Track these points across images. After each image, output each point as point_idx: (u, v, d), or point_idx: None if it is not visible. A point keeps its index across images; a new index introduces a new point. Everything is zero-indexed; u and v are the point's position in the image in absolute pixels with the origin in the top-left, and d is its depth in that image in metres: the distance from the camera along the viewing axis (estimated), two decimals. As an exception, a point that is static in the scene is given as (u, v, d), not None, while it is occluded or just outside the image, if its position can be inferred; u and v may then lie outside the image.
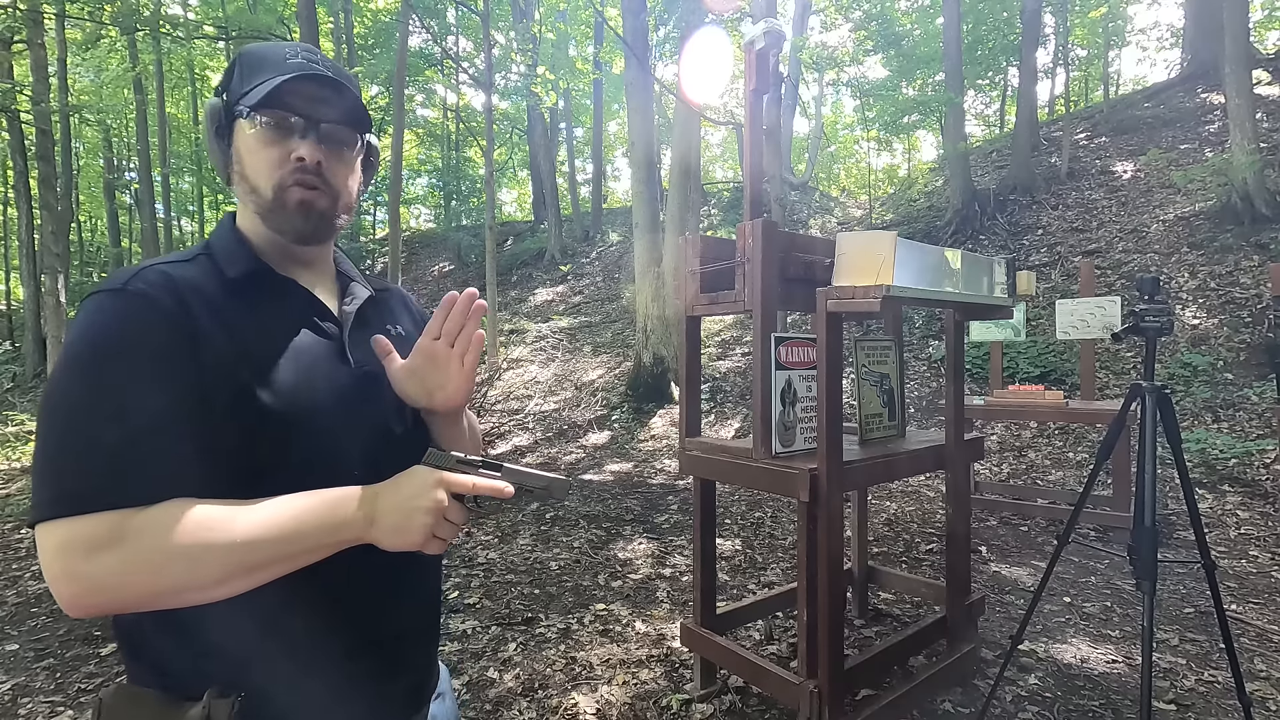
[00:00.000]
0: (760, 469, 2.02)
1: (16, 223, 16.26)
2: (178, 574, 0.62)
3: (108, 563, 0.60)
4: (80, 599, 0.61)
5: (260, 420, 0.69)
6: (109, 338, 0.65)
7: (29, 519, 0.63)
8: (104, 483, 0.61)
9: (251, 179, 0.76)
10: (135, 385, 0.64)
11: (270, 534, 0.64)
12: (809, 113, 18.95)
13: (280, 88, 0.73)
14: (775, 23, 2.18)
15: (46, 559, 0.61)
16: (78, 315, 0.67)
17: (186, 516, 0.62)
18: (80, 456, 0.62)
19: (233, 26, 12.52)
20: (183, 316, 0.68)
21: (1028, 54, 10.34)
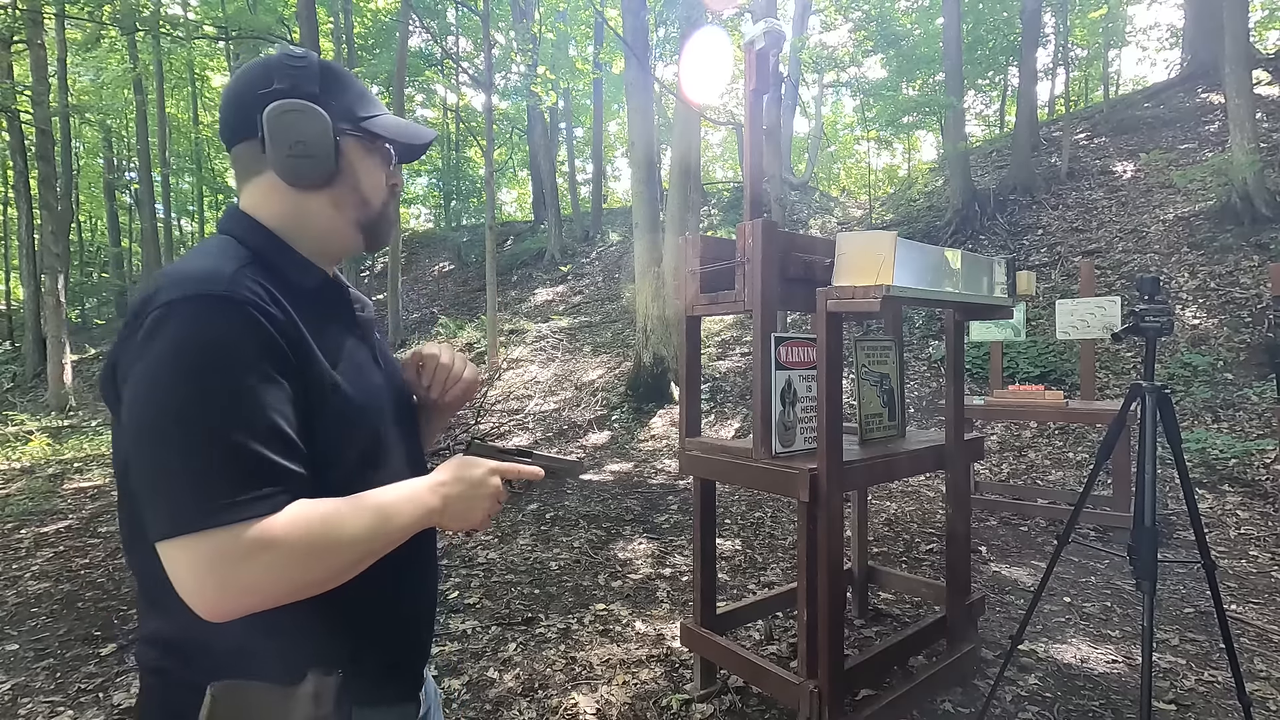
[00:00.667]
0: (760, 469, 2.02)
1: (16, 223, 16.26)
2: (319, 570, 0.67)
3: (260, 567, 0.63)
4: (232, 605, 0.63)
5: (334, 421, 0.75)
6: (233, 345, 0.66)
7: (165, 533, 0.62)
8: (250, 491, 0.64)
9: (366, 192, 0.85)
10: (262, 393, 0.67)
11: (381, 527, 0.71)
12: (809, 113, 18.96)
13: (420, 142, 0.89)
14: (775, 23, 2.18)
15: (195, 569, 0.62)
16: (183, 318, 0.65)
17: (319, 517, 0.67)
18: (225, 465, 0.63)
19: (233, 26, 12.52)
20: (287, 325, 0.72)
21: (1028, 54, 10.34)
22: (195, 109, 20.45)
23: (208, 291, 0.67)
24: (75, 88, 17.99)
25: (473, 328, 12.26)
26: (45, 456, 7.79)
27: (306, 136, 0.78)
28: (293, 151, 0.78)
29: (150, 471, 0.64)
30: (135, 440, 0.65)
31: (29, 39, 11.23)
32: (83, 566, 3.96)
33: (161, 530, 0.63)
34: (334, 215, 0.83)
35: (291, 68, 0.79)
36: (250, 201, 0.82)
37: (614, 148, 24.19)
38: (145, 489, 0.65)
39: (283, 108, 0.77)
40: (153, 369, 0.64)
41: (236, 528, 0.62)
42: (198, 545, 0.62)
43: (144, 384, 0.65)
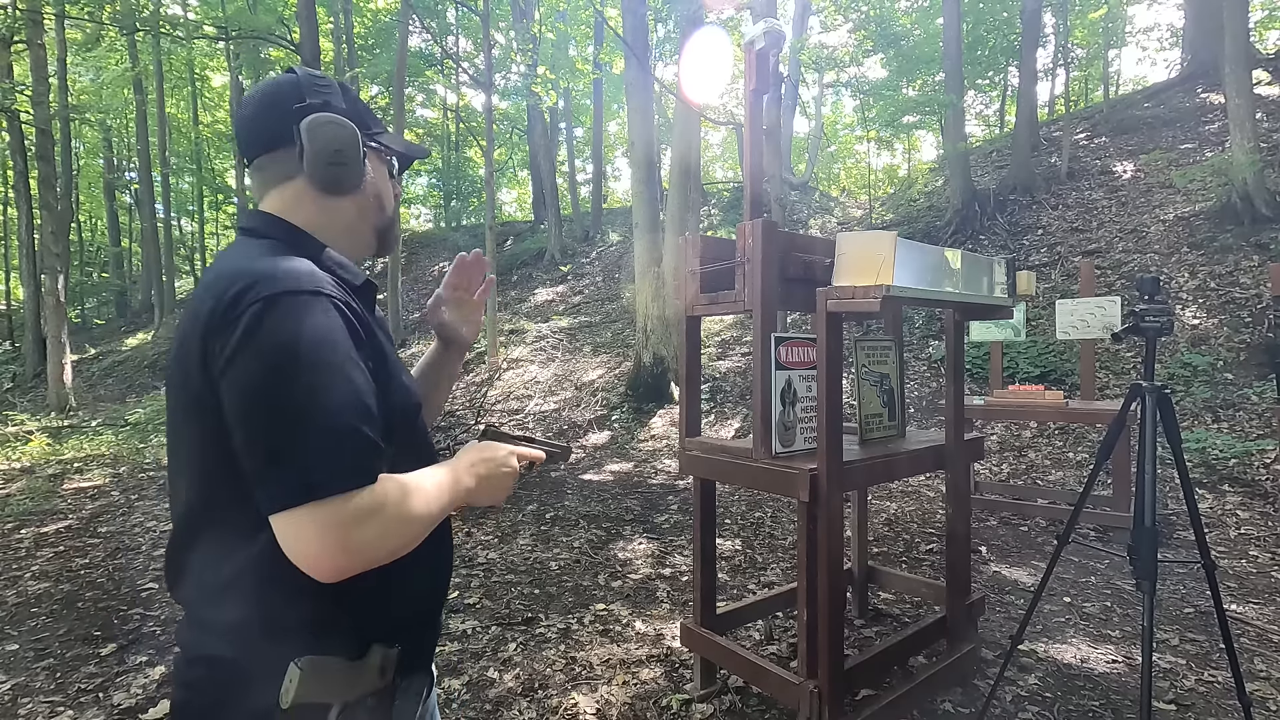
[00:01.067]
0: (760, 469, 2.02)
1: (16, 223, 16.26)
2: (409, 534, 0.77)
3: (371, 530, 0.71)
4: (347, 565, 0.71)
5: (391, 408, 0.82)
6: (332, 337, 0.74)
7: (287, 502, 0.68)
8: (362, 463, 0.72)
9: (383, 200, 0.96)
10: (357, 377, 0.75)
11: (440, 500, 0.82)
12: (809, 113, 18.96)
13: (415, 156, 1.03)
14: (775, 23, 2.18)
15: (315, 534, 0.69)
16: (285, 313, 0.72)
17: (406, 487, 0.77)
18: (336, 442, 0.71)
19: (233, 26, 12.52)
20: (360, 319, 0.80)
21: (1028, 54, 10.33)
22: (195, 109, 20.45)
23: (301, 288, 0.74)
24: (75, 88, 17.97)
25: (473, 328, 12.24)
26: (45, 456, 7.78)
27: (343, 147, 0.85)
28: (331, 160, 0.85)
29: (267, 450, 0.70)
30: (251, 424, 0.71)
31: (29, 39, 11.23)
32: (83, 566, 3.96)
33: (283, 501, 0.69)
34: (356, 219, 0.93)
35: (320, 86, 0.88)
36: (278, 206, 0.87)
37: (614, 148, 24.19)
38: (261, 466, 0.70)
39: (323, 120, 0.84)
40: (264, 359, 0.70)
41: (350, 495, 0.70)
42: (318, 512, 0.68)
43: (258, 373, 0.70)
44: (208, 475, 0.76)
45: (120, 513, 5.19)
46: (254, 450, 0.71)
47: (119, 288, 22.01)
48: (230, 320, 0.71)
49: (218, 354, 0.71)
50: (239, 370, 0.70)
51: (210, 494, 0.77)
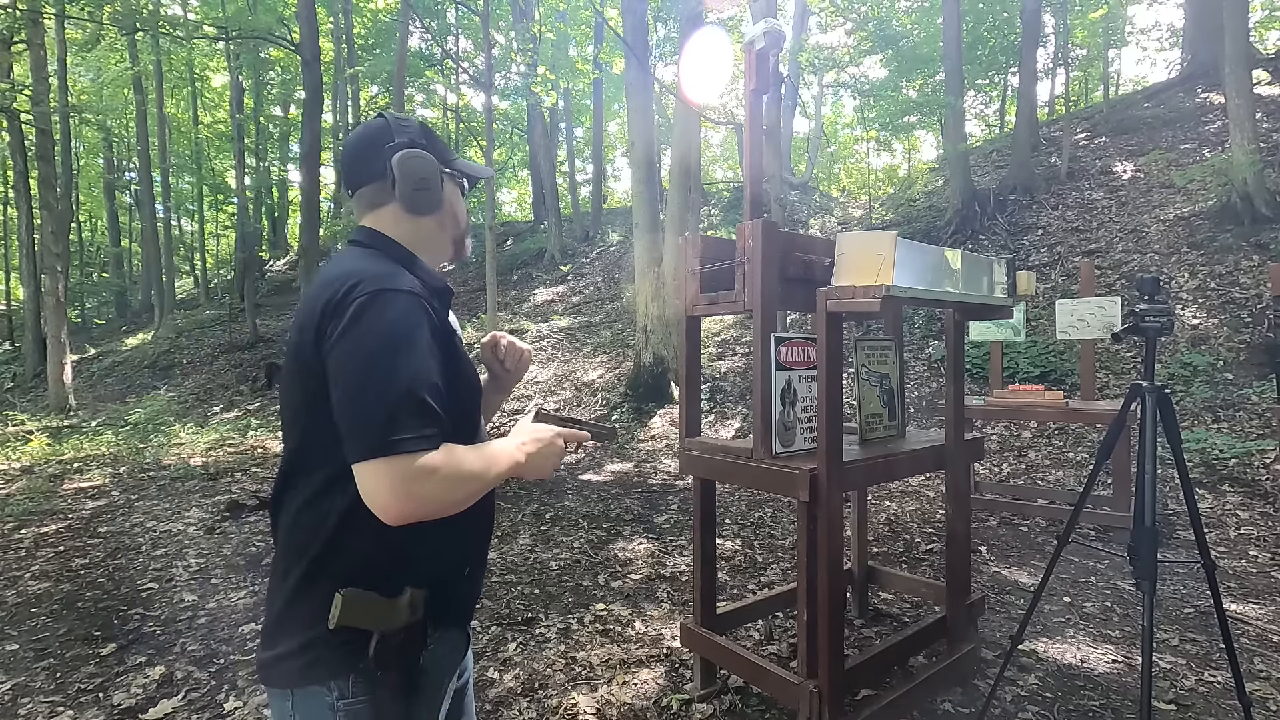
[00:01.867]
0: (760, 469, 2.02)
1: (16, 223, 16.27)
2: (464, 493, 0.92)
3: (436, 484, 0.87)
4: (411, 511, 0.86)
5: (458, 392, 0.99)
6: (417, 327, 0.91)
7: (365, 455, 0.84)
8: (428, 429, 0.87)
9: (459, 218, 1.15)
10: (433, 362, 0.92)
11: (493, 470, 0.97)
12: (809, 113, 18.96)
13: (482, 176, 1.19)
14: (775, 23, 2.18)
15: (386, 483, 0.84)
16: (384, 305, 0.90)
17: (465, 455, 0.92)
18: (409, 411, 0.86)
19: (233, 27, 12.53)
20: (439, 316, 0.99)
21: (1028, 54, 10.33)
22: (195, 109, 20.45)
23: (395, 286, 0.92)
24: (75, 88, 17.98)
25: (473, 328, 12.26)
26: (45, 456, 7.78)
27: (426, 175, 1.04)
28: (418, 187, 1.04)
29: (357, 411, 0.86)
30: (347, 389, 0.87)
31: (29, 39, 11.23)
32: (83, 566, 3.96)
33: (362, 454, 0.85)
34: (439, 233, 1.12)
35: (404, 126, 1.07)
36: (378, 224, 1.06)
37: (614, 148, 24.19)
38: (351, 423, 0.86)
39: (409, 155, 1.03)
40: (364, 339, 0.88)
41: (415, 455, 0.85)
42: (389, 466, 0.84)
43: (357, 349, 0.87)
44: (305, 430, 0.95)
45: (120, 513, 5.19)
46: (346, 411, 0.87)
47: (119, 288, 22.01)
48: (343, 307, 0.89)
49: (330, 333, 0.89)
50: (344, 345, 0.88)
51: (305, 445, 0.95)
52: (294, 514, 0.96)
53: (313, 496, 0.94)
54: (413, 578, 0.97)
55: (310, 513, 0.94)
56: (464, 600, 1.09)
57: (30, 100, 11.31)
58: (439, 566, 1.02)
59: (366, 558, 0.94)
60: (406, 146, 1.04)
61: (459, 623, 1.08)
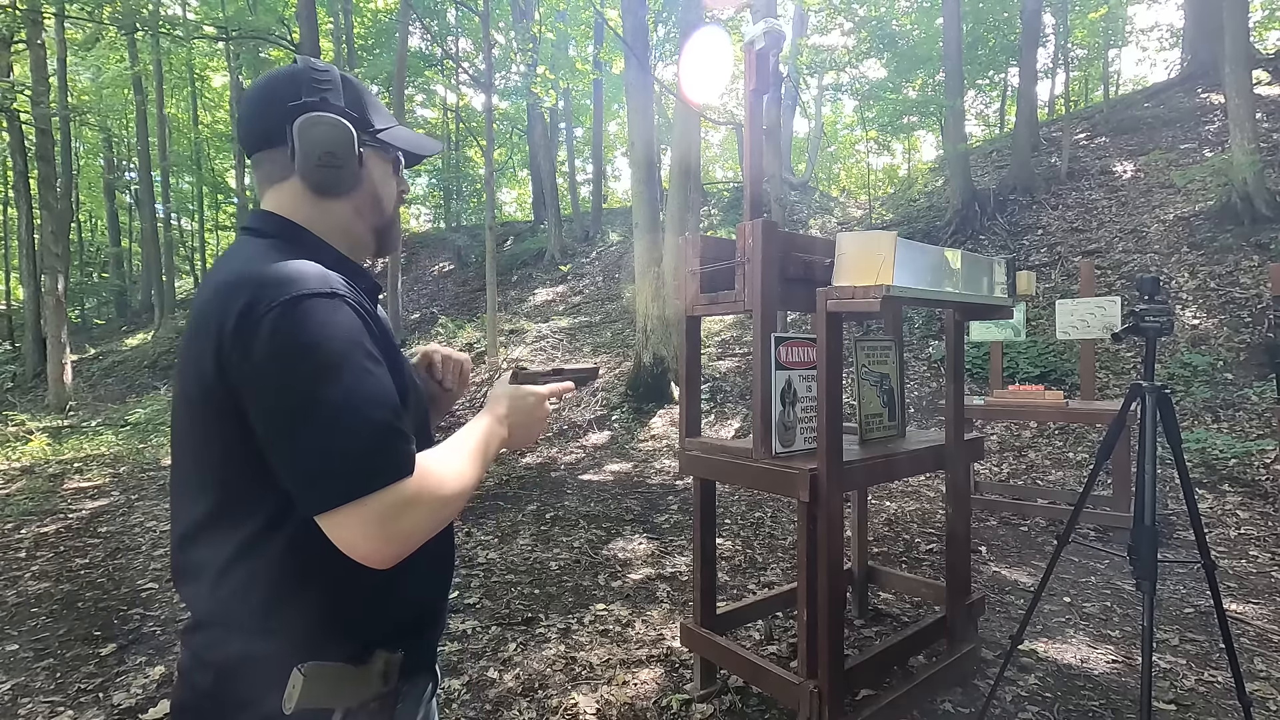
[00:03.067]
0: (760, 469, 2.02)
1: (16, 223, 16.26)
2: (453, 509, 0.79)
3: (417, 517, 0.73)
4: (398, 552, 0.73)
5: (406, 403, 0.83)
6: (353, 337, 0.75)
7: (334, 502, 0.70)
8: (398, 456, 0.73)
9: (382, 199, 0.93)
10: (381, 374, 0.76)
11: (480, 465, 0.85)
12: (809, 113, 18.96)
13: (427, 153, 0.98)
14: (775, 23, 2.18)
15: (362, 530, 0.70)
16: (304, 317, 0.72)
17: (442, 467, 0.78)
18: (377, 439, 0.72)
19: (232, 26, 12.53)
20: (372, 318, 0.80)
21: (1028, 54, 10.33)
22: (195, 109, 20.45)
23: (315, 290, 0.74)
24: (75, 88, 17.97)
25: (473, 328, 12.26)
26: (45, 456, 7.78)
27: (335, 149, 0.83)
28: (322, 162, 0.83)
29: (309, 453, 0.70)
30: (287, 430, 0.71)
31: (29, 39, 11.23)
32: (83, 566, 3.96)
33: (333, 500, 0.70)
34: (354, 220, 0.90)
35: (318, 81, 0.85)
36: (277, 205, 0.87)
37: (614, 148, 24.18)
38: (305, 469, 0.71)
39: (313, 120, 0.82)
40: (292, 364, 0.71)
41: (394, 487, 0.71)
42: (366, 508, 0.70)
43: (287, 379, 0.71)
44: (223, 481, 0.76)
45: (120, 513, 5.19)
46: (290, 455, 0.71)
47: (119, 288, 22.00)
48: (249, 325, 0.71)
49: (238, 362, 0.71)
50: (267, 377, 0.71)
51: (224, 498, 0.76)
52: (219, 578, 0.76)
53: (244, 552, 0.75)
54: (382, 635, 0.82)
55: (244, 573, 0.75)
56: (434, 642, 0.96)
57: (30, 100, 11.31)
58: (411, 615, 0.87)
59: (325, 618, 0.77)
60: (316, 108, 0.83)
61: (428, 665, 0.93)
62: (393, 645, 0.82)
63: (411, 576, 0.83)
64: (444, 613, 0.97)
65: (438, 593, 0.94)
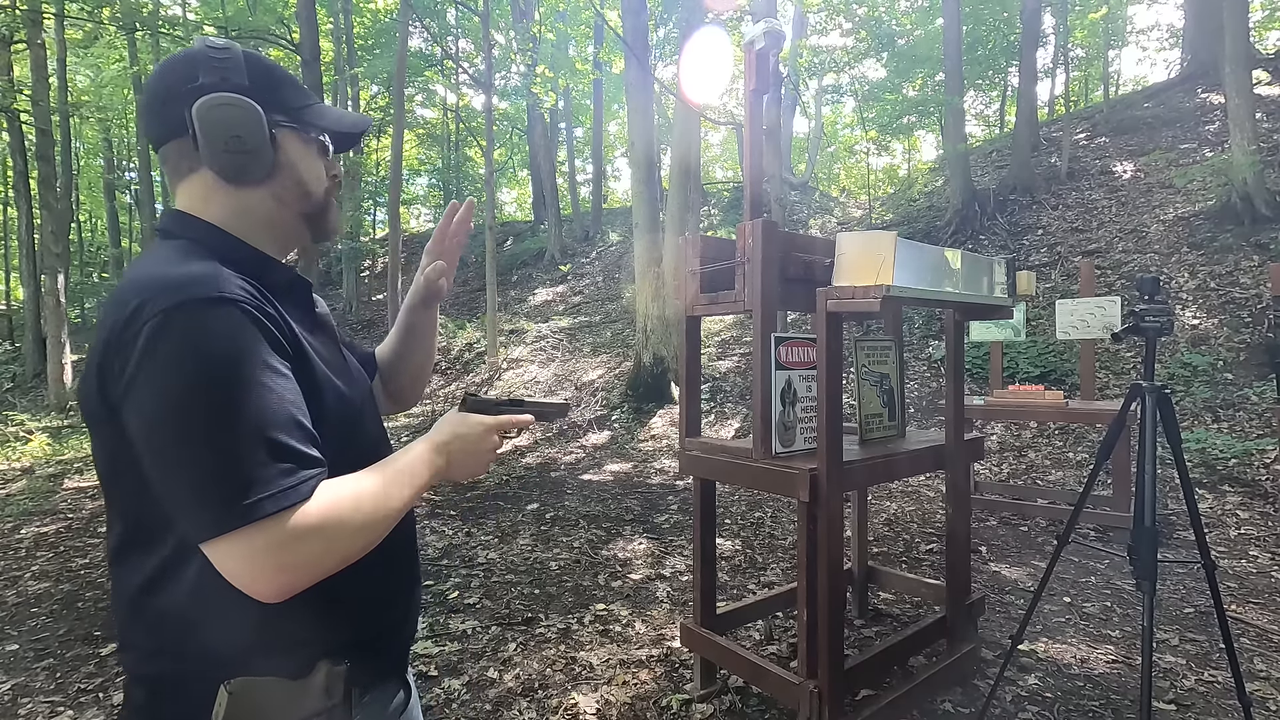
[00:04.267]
0: (760, 469, 2.02)
1: (16, 223, 16.26)
2: (362, 541, 0.72)
3: (311, 546, 0.67)
4: (291, 583, 0.67)
5: (328, 411, 0.77)
6: (241, 346, 0.68)
7: (214, 532, 0.64)
8: (286, 480, 0.66)
9: (308, 184, 0.85)
10: (277, 387, 0.69)
11: (404, 491, 0.76)
12: (809, 113, 18.96)
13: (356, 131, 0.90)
14: (775, 23, 2.18)
15: (251, 561, 0.65)
16: (185, 326, 0.65)
17: (350, 492, 0.72)
18: (260, 461, 0.65)
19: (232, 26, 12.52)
20: (280, 320, 0.74)
21: (1027, 54, 10.33)
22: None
23: (201, 295, 0.67)
24: (75, 87, 17.98)
25: (473, 328, 12.26)
26: (45, 456, 7.79)
27: (242, 131, 0.76)
28: (229, 147, 0.76)
29: (186, 478, 0.65)
30: (163, 451, 0.66)
31: (29, 39, 11.23)
32: (83, 566, 3.96)
33: (210, 531, 0.64)
34: (277, 209, 0.83)
35: (216, 60, 0.77)
36: (188, 202, 0.80)
37: (614, 148, 24.17)
38: (182, 495, 0.66)
39: (213, 102, 0.75)
40: (168, 380, 0.65)
41: (282, 515, 0.65)
42: (249, 538, 0.64)
43: (162, 396, 0.65)
44: (129, 501, 0.72)
45: (120, 513, 5.19)
46: (169, 480, 0.66)
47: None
48: (128, 337, 0.65)
49: (117, 376, 0.66)
50: (141, 395, 0.65)
51: (134, 517, 0.72)
52: (141, 593, 0.72)
53: (160, 572, 0.71)
54: (328, 643, 0.76)
55: (168, 587, 0.70)
56: (398, 646, 0.90)
57: (30, 100, 11.31)
58: (361, 625, 0.81)
59: (256, 632, 0.71)
60: (215, 89, 0.75)
61: (393, 673, 0.88)
62: (338, 656, 0.76)
63: (360, 585, 0.78)
64: (408, 620, 0.92)
65: (396, 599, 0.88)
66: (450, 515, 4.80)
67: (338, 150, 0.90)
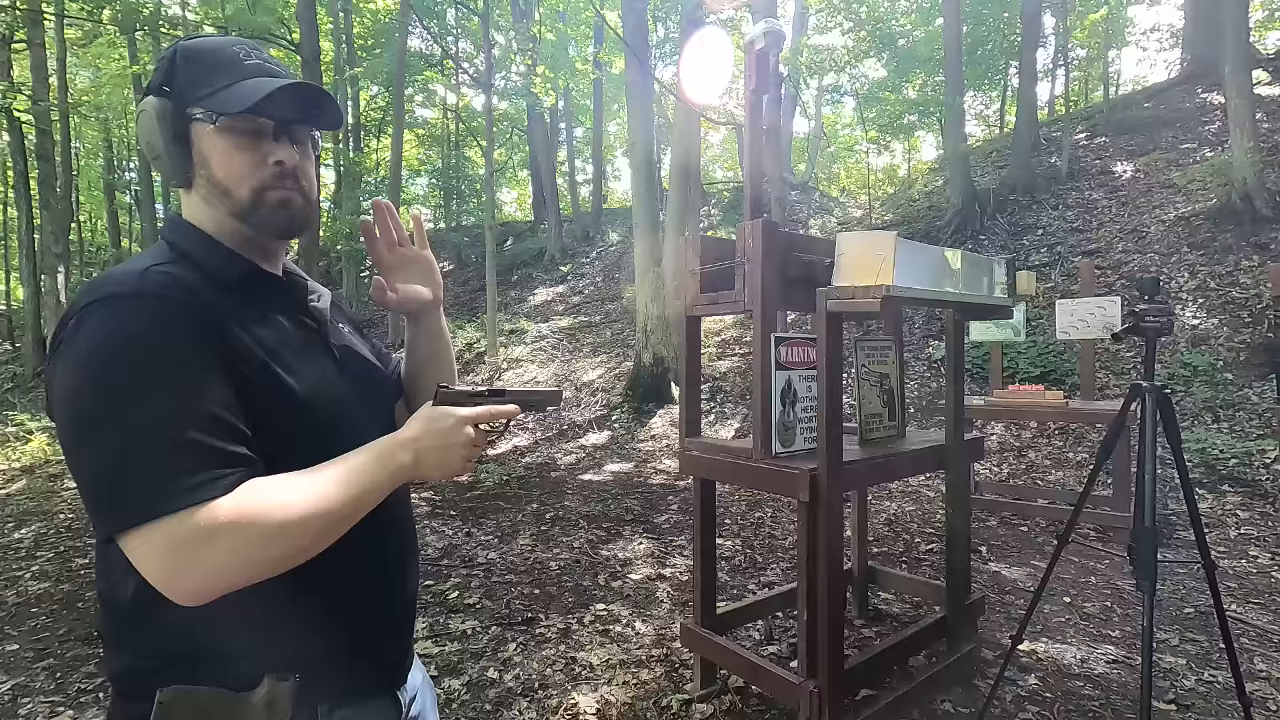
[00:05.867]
0: (760, 469, 2.02)
1: (16, 223, 16.26)
2: (282, 544, 0.66)
3: (221, 548, 0.63)
4: (205, 586, 0.64)
5: (278, 410, 0.74)
6: (150, 341, 0.66)
7: (118, 527, 0.64)
8: (193, 477, 0.64)
9: (224, 182, 0.77)
10: (190, 381, 0.67)
11: (349, 493, 0.70)
12: (809, 113, 18.96)
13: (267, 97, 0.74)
14: (775, 23, 2.18)
15: (156, 559, 0.63)
16: (95, 322, 0.65)
17: (272, 492, 0.67)
18: (169, 455, 0.64)
19: (232, 26, 12.51)
20: (205, 314, 0.71)
21: (1028, 55, 10.34)
22: (195, 109, 20.39)
23: (116, 292, 0.67)
24: (75, 87, 17.98)
25: (473, 328, 12.26)
26: (45, 456, 7.78)
27: (149, 137, 0.75)
28: (149, 155, 0.76)
29: (93, 473, 0.64)
30: (71, 446, 0.65)
31: (29, 39, 11.24)
32: (82, 567, 3.96)
33: (109, 526, 0.64)
34: (209, 211, 0.79)
35: (167, 62, 0.76)
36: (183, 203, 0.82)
37: (614, 148, 24.17)
38: (87, 491, 0.65)
39: (138, 110, 0.75)
40: (72, 375, 0.65)
41: (185, 513, 0.63)
42: (151, 534, 0.63)
43: (67, 390, 0.65)
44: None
45: (120, 513, 5.19)
46: (77, 476, 0.66)
47: (119, 288, 21.95)
48: (56, 339, 0.67)
49: (48, 374, 0.68)
50: (54, 393, 0.67)
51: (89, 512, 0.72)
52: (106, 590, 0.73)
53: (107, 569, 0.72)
54: (275, 656, 0.72)
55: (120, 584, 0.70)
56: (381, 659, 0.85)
57: (30, 100, 11.31)
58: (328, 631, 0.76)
59: (193, 635, 0.69)
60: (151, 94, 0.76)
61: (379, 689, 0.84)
62: (287, 670, 0.71)
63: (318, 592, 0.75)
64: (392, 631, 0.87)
65: (370, 609, 0.83)
66: (450, 515, 4.80)
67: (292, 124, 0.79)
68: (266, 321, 0.78)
